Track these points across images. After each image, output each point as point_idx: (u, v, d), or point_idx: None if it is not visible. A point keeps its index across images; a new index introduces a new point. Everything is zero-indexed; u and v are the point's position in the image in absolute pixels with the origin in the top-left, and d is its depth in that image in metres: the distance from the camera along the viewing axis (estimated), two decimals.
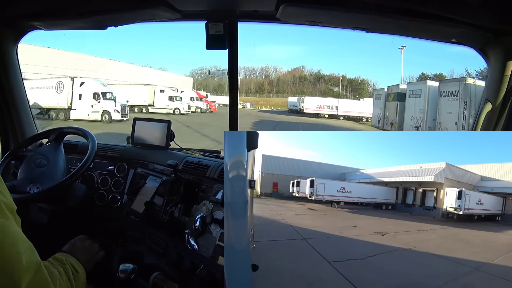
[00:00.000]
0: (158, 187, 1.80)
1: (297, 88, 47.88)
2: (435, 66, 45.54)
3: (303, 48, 66.73)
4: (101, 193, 2.05)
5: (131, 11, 1.58)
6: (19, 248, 0.83)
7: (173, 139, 2.09)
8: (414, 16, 1.32)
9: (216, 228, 1.44)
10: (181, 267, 1.55)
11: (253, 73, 51.27)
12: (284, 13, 1.48)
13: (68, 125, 2.08)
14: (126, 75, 25.42)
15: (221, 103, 41.28)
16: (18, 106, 2.10)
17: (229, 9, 1.68)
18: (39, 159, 1.80)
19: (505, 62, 1.36)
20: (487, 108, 1.43)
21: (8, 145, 2.10)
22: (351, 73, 51.93)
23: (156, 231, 1.72)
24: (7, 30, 1.91)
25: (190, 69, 53.60)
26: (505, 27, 1.30)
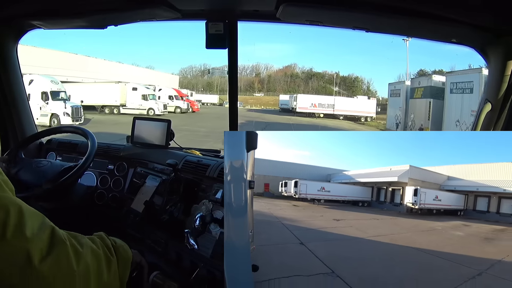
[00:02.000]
0: (157, 186, 1.81)
1: (289, 86, 47.62)
2: (434, 64, 45.52)
3: (295, 46, 66.71)
4: (100, 192, 2.05)
5: (131, 11, 1.58)
6: (25, 220, 0.74)
7: (173, 139, 2.09)
8: (414, 16, 1.32)
9: (216, 228, 1.44)
10: (180, 266, 1.56)
11: (243, 71, 50.99)
12: (284, 13, 1.48)
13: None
14: (103, 72, 23.61)
15: (209, 102, 39.21)
16: (18, 105, 2.10)
17: (229, 9, 1.68)
18: (40, 159, 1.81)
19: (505, 62, 1.35)
20: (487, 108, 1.43)
21: (8, 144, 2.10)
22: (344, 70, 51.63)
23: (155, 230, 1.72)
24: (7, 29, 1.91)
25: (180, 67, 53.16)
26: (505, 27, 1.30)
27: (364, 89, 45.30)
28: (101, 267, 0.88)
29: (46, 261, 0.75)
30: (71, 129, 2.00)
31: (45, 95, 15.13)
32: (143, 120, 2.18)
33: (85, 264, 0.83)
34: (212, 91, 44.77)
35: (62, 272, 0.77)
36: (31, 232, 0.74)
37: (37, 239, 0.75)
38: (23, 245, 0.72)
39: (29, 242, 0.73)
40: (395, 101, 16.46)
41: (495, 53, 1.40)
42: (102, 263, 0.89)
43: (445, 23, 1.32)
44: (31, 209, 0.78)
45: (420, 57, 44.64)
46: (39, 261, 0.73)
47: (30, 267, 0.72)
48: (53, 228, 0.80)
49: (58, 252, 0.78)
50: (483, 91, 1.43)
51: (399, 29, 1.57)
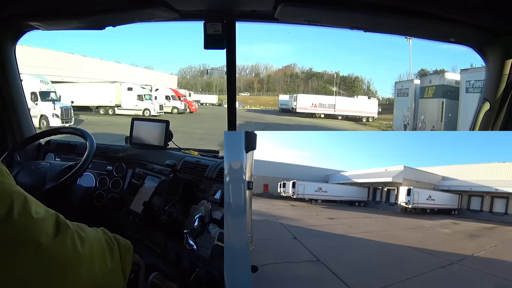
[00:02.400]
0: (156, 187, 1.80)
1: (288, 86, 47.01)
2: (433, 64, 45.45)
3: (294, 46, 66.48)
4: (99, 193, 2.05)
5: (129, 11, 1.58)
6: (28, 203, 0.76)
7: (171, 139, 2.09)
8: (412, 15, 1.33)
9: (215, 228, 1.44)
10: (179, 267, 1.56)
11: (243, 71, 50.54)
12: (282, 13, 1.48)
13: None
14: (99, 72, 22.73)
15: (208, 102, 37.92)
16: (16, 106, 2.09)
17: (227, 9, 1.68)
18: (38, 161, 1.80)
19: (503, 62, 1.36)
20: (485, 107, 1.44)
21: (6, 146, 2.09)
22: (344, 70, 51.22)
23: (154, 231, 1.72)
24: (6, 30, 1.90)
25: (179, 67, 52.86)
26: (504, 27, 1.30)
27: (364, 89, 44.93)
28: (104, 253, 0.90)
29: (54, 242, 0.76)
30: (70, 130, 2.00)
31: (34, 95, 14.40)
32: (141, 121, 2.18)
33: (90, 247, 0.84)
34: (211, 91, 44.24)
35: (68, 253, 0.79)
36: (37, 215, 0.75)
37: (43, 220, 0.76)
38: (30, 226, 0.74)
39: (36, 222, 0.74)
40: (403, 101, 15.12)
41: (493, 53, 1.41)
42: (105, 250, 0.91)
43: (443, 23, 1.33)
44: (34, 198, 0.79)
45: (419, 57, 44.59)
46: (46, 242, 0.75)
47: (39, 248, 0.74)
48: (57, 214, 0.82)
49: (64, 234, 0.79)
50: None
51: (398, 29, 1.57)
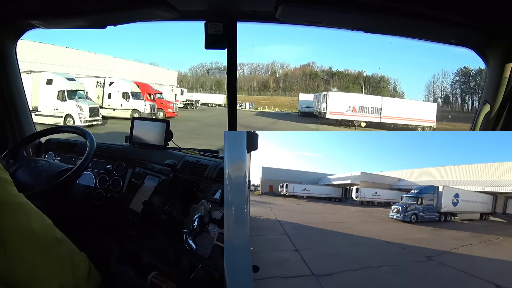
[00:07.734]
0: (156, 187, 1.80)
1: (307, 86, 42.15)
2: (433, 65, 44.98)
3: (310, 47, 65.33)
4: (99, 192, 2.05)
5: (130, 11, 1.58)
6: None
7: (172, 139, 2.09)
8: (413, 17, 1.33)
9: (214, 228, 1.44)
10: (179, 267, 1.55)
11: (258, 70, 47.00)
12: (283, 13, 1.48)
13: None
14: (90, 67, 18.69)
15: (213, 102, 32.36)
16: (16, 105, 2.10)
17: (228, 9, 1.68)
18: (38, 159, 1.80)
19: (503, 64, 1.36)
20: (485, 109, 1.44)
21: (6, 144, 2.09)
22: (368, 70, 47.08)
23: (154, 230, 1.72)
24: (6, 28, 1.90)
25: (190, 65, 52.26)
26: (504, 29, 1.30)
27: (391, 89, 39.78)
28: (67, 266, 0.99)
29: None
30: (70, 129, 2.00)
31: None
32: (142, 120, 2.18)
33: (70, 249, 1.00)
34: (221, 90, 38.98)
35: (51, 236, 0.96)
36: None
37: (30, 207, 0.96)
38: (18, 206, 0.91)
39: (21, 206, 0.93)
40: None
41: (494, 55, 1.41)
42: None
43: (444, 24, 1.33)
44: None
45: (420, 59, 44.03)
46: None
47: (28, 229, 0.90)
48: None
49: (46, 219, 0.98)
50: None
51: (398, 30, 1.57)
